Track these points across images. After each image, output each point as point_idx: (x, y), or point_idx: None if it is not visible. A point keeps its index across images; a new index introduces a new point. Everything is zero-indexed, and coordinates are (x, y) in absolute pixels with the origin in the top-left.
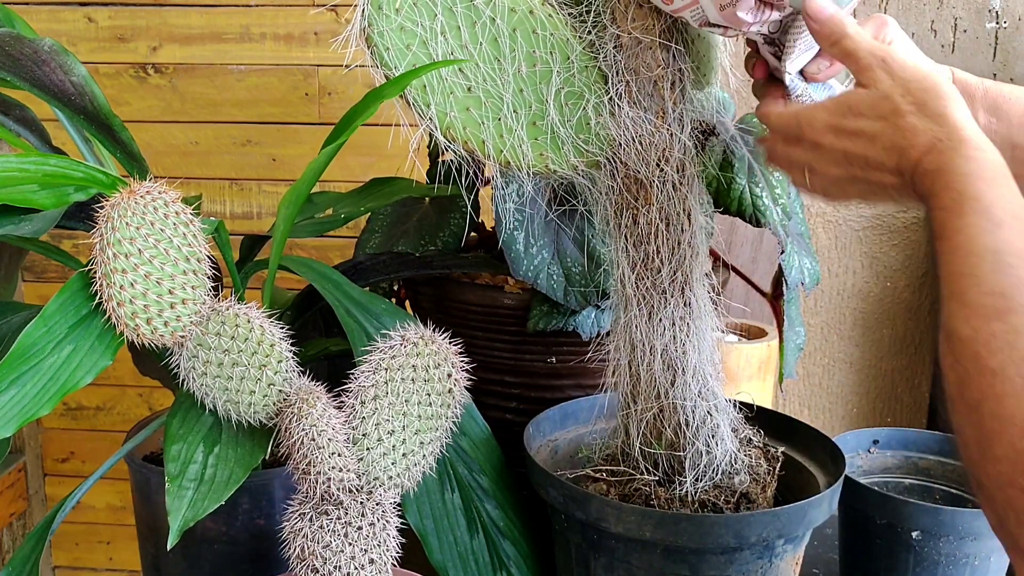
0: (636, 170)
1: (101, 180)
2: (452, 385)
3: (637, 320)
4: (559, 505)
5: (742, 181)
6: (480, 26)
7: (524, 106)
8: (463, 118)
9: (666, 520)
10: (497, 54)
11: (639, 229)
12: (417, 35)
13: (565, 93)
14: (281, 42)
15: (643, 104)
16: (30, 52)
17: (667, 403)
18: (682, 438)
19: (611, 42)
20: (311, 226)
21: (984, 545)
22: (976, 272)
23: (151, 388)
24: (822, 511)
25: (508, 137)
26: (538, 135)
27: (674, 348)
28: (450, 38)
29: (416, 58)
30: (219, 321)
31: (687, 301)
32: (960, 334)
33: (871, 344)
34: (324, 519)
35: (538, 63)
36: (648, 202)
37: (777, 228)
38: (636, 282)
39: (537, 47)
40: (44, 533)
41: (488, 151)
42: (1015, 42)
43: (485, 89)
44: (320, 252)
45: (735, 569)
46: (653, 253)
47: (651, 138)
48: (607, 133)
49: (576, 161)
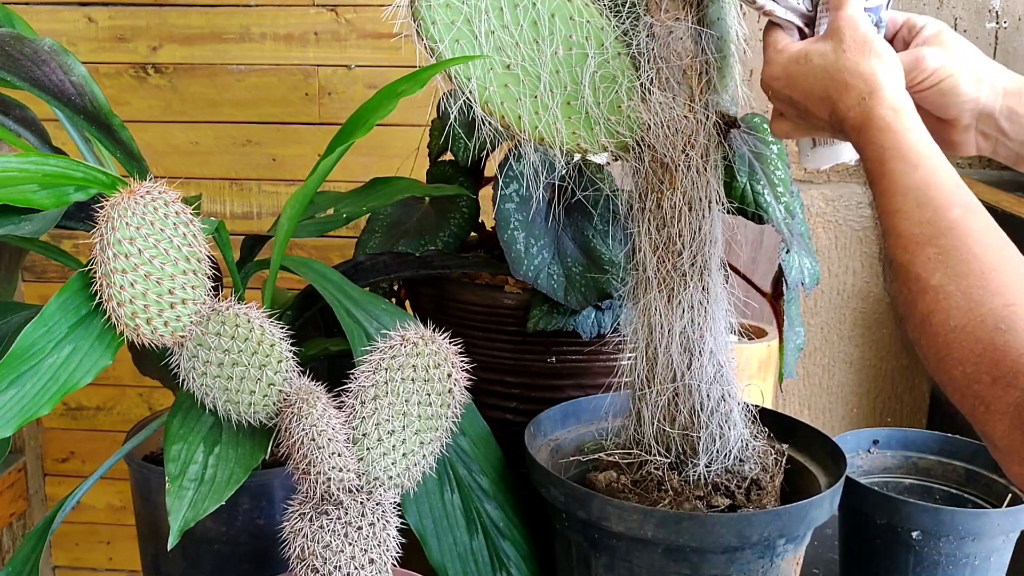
0: (663, 154)
1: (101, 180)
2: (452, 385)
3: (656, 303)
4: (560, 504)
5: (743, 179)
6: (522, 8)
7: (560, 86)
8: (502, 93)
9: (668, 519)
10: (536, 36)
11: (663, 212)
12: (462, 12)
13: (599, 76)
14: (281, 42)
15: (673, 90)
16: (30, 52)
17: (683, 386)
18: (696, 421)
19: (644, 30)
20: (312, 226)
21: (984, 545)
22: (903, 208)
23: (151, 388)
24: (823, 511)
25: (544, 114)
26: (571, 114)
27: (692, 331)
28: (492, 17)
29: (460, 33)
30: (219, 321)
31: (705, 286)
32: (900, 261)
33: (871, 344)
34: (324, 519)
35: (574, 47)
36: (673, 186)
37: (780, 225)
38: (657, 264)
39: (573, 32)
40: (44, 533)
41: (524, 126)
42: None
43: (523, 68)
44: (320, 252)
45: (736, 568)
46: (675, 236)
47: (678, 123)
48: (637, 116)
49: (606, 142)
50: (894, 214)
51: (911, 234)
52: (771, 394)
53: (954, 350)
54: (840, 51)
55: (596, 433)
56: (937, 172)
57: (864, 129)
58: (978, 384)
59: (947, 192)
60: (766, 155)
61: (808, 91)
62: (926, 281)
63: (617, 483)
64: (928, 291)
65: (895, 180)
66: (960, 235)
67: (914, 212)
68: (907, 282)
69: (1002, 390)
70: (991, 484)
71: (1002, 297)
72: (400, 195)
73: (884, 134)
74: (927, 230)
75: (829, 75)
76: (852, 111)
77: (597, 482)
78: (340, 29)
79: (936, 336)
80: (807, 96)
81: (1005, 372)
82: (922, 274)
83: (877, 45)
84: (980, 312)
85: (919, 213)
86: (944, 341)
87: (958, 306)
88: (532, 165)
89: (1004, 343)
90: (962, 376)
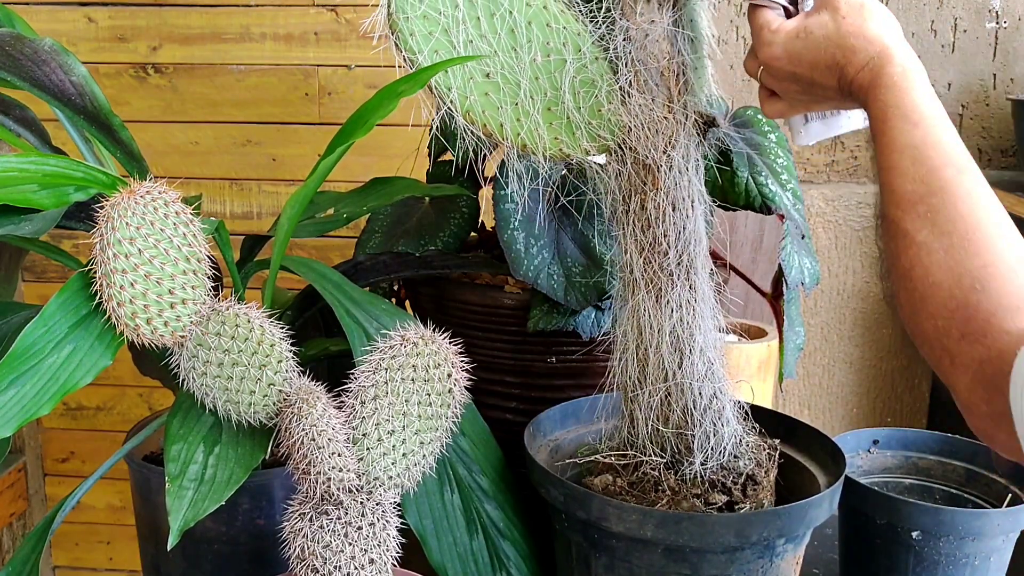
0: (645, 155)
1: (101, 180)
2: (452, 385)
3: (645, 303)
4: (560, 504)
5: (744, 173)
6: (499, 17)
7: (540, 92)
8: (482, 102)
9: (668, 519)
10: (514, 43)
11: (647, 214)
12: (440, 23)
13: (579, 81)
14: (281, 42)
15: (651, 92)
16: (30, 52)
17: (674, 385)
18: (690, 419)
19: (620, 34)
20: (313, 226)
21: (984, 545)
22: (899, 165)
23: (151, 388)
24: (823, 510)
25: (525, 121)
26: (553, 120)
27: (681, 330)
28: (470, 27)
29: (439, 44)
30: (219, 321)
31: (692, 284)
32: (892, 217)
33: (871, 344)
34: (324, 519)
35: (552, 53)
36: (656, 186)
37: (790, 212)
38: (644, 265)
39: (551, 38)
40: (44, 533)
41: (506, 134)
42: (1015, 42)
43: (503, 75)
44: (320, 252)
45: (736, 568)
46: (661, 236)
47: (659, 125)
48: (618, 119)
49: (588, 146)
50: (890, 170)
51: (904, 191)
52: (771, 394)
53: (929, 304)
54: (839, 19)
55: (594, 434)
56: (936, 131)
57: (872, 88)
58: (947, 339)
59: (944, 152)
60: (764, 145)
61: (814, 63)
62: (912, 237)
63: (613, 486)
64: (913, 246)
65: (895, 137)
66: (950, 195)
67: (909, 170)
68: (895, 237)
69: (968, 346)
70: (991, 484)
71: (981, 258)
72: (400, 195)
73: (889, 92)
74: (920, 188)
75: (834, 43)
76: (861, 72)
77: (593, 486)
78: (340, 29)
79: (915, 290)
80: (813, 68)
81: (973, 330)
82: (910, 230)
83: (873, 6)
84: (958, 271)
85: (914, 171)
86: (921, 295)
87: (939, 263)
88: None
89: (977, 302)
90: (933, 329)
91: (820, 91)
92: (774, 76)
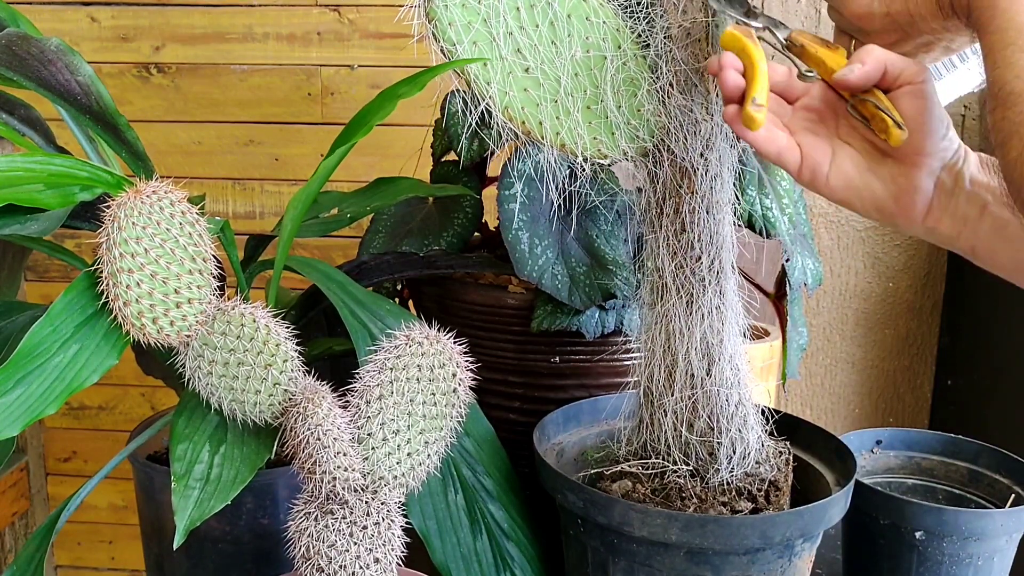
0: (682, 158)
1: (107, 180)
2: (457, 385)
3: (676, 309)
4: (578, 510)
5: (752, 192)
6: (539, 9)
7: (580, 90)
8: (522, 98)
9: (693, 523)
10: (554, 37)
11: (681, 217)
12: (479, 12)
13: (620, 79)
14: (284, 42)
15: (690, 94)
16: (36, 52)
17: (701, 392)
18: (716, 426)
19: (661, 32)
20: (316, 225)
21: (987, 545)
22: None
23: (153, 388)
24: (839, 509)
25: (565, 120)
26: (592, 119)
27: (711, 336)
28: (509, 18)
29: (478, 35)
30: (225, 321)
31: (722, 290)
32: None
33: (873, 344)
34: (329, 518)
35: (592, 49)
36: (691, 190)
37: (784, 237)
38: (676, 270)
39: (591, 33)
40: (48, 533)
41: (545, 132)
42: None
43: (543, 70)
44: (323, 252)
45: (756, 569)
46: (695, 241)
47: (697, 127)
48: (657, 120)
49: (627, 147)
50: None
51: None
52: (774, 394)
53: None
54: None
55: (597, 436)
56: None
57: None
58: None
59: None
60: (772, 167)
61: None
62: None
63: (634, 492)
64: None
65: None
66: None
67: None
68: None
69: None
70: (994, 484)
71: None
72: (404, 195)
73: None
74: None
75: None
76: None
77: (612, 492)
78: (343, 29)
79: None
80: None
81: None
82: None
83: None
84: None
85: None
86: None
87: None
88: (540, 168)
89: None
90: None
91: (918, 22)
92: (863, 30)
